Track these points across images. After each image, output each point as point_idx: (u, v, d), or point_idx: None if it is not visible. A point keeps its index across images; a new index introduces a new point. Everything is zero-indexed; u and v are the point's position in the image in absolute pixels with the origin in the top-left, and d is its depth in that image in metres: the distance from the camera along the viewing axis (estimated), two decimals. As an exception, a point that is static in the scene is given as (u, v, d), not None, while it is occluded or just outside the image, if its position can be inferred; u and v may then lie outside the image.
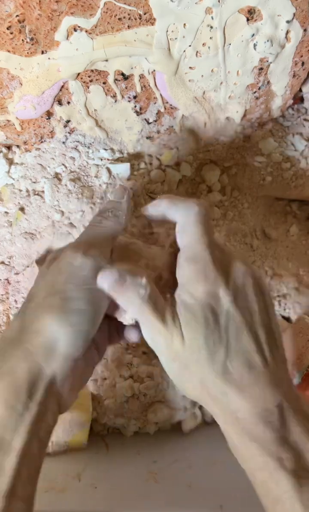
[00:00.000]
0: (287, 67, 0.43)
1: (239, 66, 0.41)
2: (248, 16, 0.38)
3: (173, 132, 0.47)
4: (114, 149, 0.47)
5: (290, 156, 0.48)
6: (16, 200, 0.46)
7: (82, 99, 0.42)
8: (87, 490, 0.42)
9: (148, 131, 0.46)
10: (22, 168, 0.46)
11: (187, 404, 0.47)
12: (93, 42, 0.38)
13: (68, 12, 0.36)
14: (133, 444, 0.48)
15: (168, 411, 0.47)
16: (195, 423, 0.49)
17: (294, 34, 0.40)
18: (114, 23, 0.37)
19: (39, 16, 0.36)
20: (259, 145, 0.49)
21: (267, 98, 0.45)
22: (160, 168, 0.49)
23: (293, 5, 0.38)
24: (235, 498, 0.40)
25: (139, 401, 0.47)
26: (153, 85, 0.42)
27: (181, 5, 0.36)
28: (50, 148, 0.46)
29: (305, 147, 0.48)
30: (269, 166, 0.48)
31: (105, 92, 0.42)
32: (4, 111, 0.42)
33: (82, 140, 0.46)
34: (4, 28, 0.36)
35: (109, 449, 0.47)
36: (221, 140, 0.48)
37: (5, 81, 0.40)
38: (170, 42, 0.39)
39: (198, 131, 0.47)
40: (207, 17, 0.37)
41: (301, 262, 0.52)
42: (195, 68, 0.41)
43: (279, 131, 0.49)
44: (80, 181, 0.46)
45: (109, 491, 0.42)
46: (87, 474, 0.43)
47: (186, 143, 0.48)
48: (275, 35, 0.39)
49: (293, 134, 0.49)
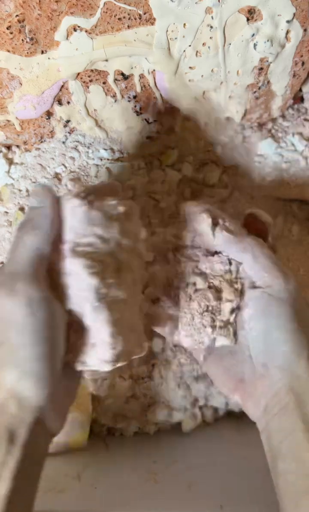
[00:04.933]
0: (287, 67, 0.43)
1: (239, 66, 0.41)
2: (248, 16, 0.38)
3: (173, 132, 0.47)
4: (114, 149, 0.47)
5: (290, 156, 0.48)
6: (16, 200, 0.46)
7: (82, 99, 0.42)
8: (87, 490, 0.42)
9: (148, 131, 0.46)
10: (22, 168, 0.46)
11: (187, 404, 0.47)
12: (93, 42, 0.38)
13: (68, 12, 0.36)
14: (133, 445, 0.48)
15: (167, 411, 0.47)
16: (195, 423, 0.49)
17: (294, 34, 0.40)
18: (114, 23, 0.37)
19: (39, 16, 0.36)
20: (259, 145, 0.48)
21: (267, 98, 0.45)
22: (160, 168, 0.49)
23: (293, 5, 0.38)
24: (235, 498, 0.40)
25: (139, 401, 0.47)
26: (153, 85, 0.42)
27: (181, 5, 0.36)
28: (50, 148, 0.46)
29: (305, 147, 0.48)
30: (269, 166, 0.48)
31: (105, 92, 0.42)
32: (4, 111, 0.42)
33: (82, 140, 0.46)
34: (4, 28, 0.36)
35: (109, 449, 0.47)
36: (221, 140, 0.48)
37: (5, 81, 0.40)
38: (170, 42, 0.39)
39: (198, 131, 0.47)
40: (207, 17, 0.37)
41: (301, 262, 0.52)
42: (195, 68, 0.41)
43: (279, 131, 0.49)
44: (80, 181, 0.46)
45: (109, 491, 0.42)
46: (87, 474, 0.43)
47: (186, 143, 0.48)
48: (275, 35, 0.39)
49: (293, 134, 0.49)
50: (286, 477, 0.29)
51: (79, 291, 0.29)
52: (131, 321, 0.32)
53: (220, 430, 0.49)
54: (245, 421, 0.49)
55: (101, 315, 0.29)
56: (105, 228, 0.30)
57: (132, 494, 0.41)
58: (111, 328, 0.29)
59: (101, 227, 0.30)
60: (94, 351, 0.30)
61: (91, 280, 0.29)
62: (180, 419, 0.48)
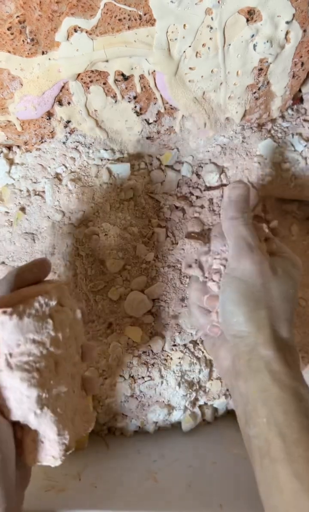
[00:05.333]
0: (286, 68, 0.43)
1: (238, 66, 0.41)
2: (248, 16, 0.38)
3: (173, 132, 0.47)
4: (115, 149, 0.47)
5: (290, 157, 0.49)
6: (17, 200, 0.46)
7: (82, 99, 0.42)
8: (88, 489, 0.42)
9: (148, 131, 0.46)
10: (23, 168, 0.46)
11: (187, 404, 0.47)
12: (93, 42, 0.38)
13: (69, 13, 0.36)
14: (133, 444, 0.48)
15: (167, 411, 0.47)
16: (195, 423, 0.49)
17: (294, 35, 0.40)
18: (114, 24, 0.37)
19: (40, 17, 0.36)
20: (259, 145, 0.49)
21: (266, 99, 0.45)
22: (159, 168, 0.49)
23: (292, 6, 0.38)
24: (235, 498, 0.40)
25: (139, 400, 0.47)
26: (154, 85, 0.42)
27: (181, 6, 0.36)
28: (50, 148, 0.46)
29: (305, 147, 0.48)
30: (269, 167, 0.48)
31: (105, 93, 0.42)
32: (5, 112, 0.42)
33: (83, 140, 0.46)
34: (5, 29, 0.36)
35: (109, 449, 0.47)
36: (220, 140, 0.48)
37: (6, 81, 0.40)
38: (170, 43, 0.39)
39: (198, 132, 0.47)
40: (207, 18, 0.37)
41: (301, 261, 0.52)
42: (195, 68, 0.41)
43: (279, 132, 0.49)
44: (81, 181, 0.46)
45: (109, 490, 0.42)
46: (88, 474, 0.43)
47: (185, 143, 0.48)
48: (274, 35, 0.39)
49: (293, 134, 0.49)
50: (252, 441, 0.33)
51: (21, 403, 0.29)
52: (73, 405, 0.33)
53: (220, 429, 0.50)
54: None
55: (45, 419, 0.30)
56: (39, 330, 0.30)
57: (132, 493, 0.41)
58: (57, 427, 0.30)
59: (33, 332, 0.30)
60: (44, 449, 0.30)
61: (31, 392, 0.29)
62: (180, 418, 0.48)
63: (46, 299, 0.31)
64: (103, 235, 0.45)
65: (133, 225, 0.47)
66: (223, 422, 0.50)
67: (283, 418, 0.31)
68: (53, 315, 0.31)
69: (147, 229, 0.48)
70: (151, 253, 0.47)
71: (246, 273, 0.36)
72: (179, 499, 0.41)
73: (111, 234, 0.45)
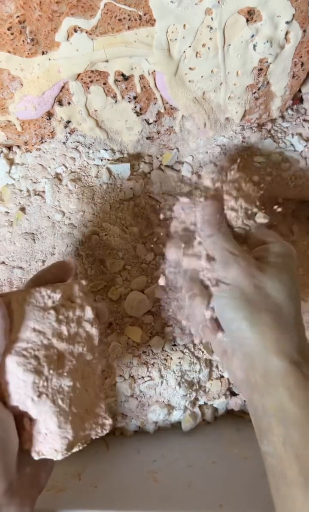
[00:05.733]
0: (286, 68, 0.43)
1: (238, 66, 0.41)
2: (248, 17, 0.38)
3: (172, 132, 0.47)
4: (115, 149, 0.47)
5: (289, 157, 0.49)
6: (17, 200, 0.46)
7: (82, 99, 0.42)
8: (87, 489, 0.42)
9: (148, 131, 0.46)
10: (23, 168, 0.47)
11: (187, 404, 0.47)
12: (93, 42, 0.38)
13: (69, 13, 0.36)
14: (133, 444, 0.48)
15: (167, 411, 0.47)
16: (195, 422, 0.49)
17: (294, 35, 0.40)
18: (114, 24, 0.37)
19: (40, 17, 0.36)
20: (259, 145, 0.49)
21: (266, 99, 0.45)
22: (159, 168, 0.49)
23: (292, 6, 0.38)
24: (235, 498, 0.40)
25: (139, 400, 0.47)
26: (154, 85, 0.42)
27: (181, 6, 0.36)
28: (50, 148, 0.46)
29: (305, 147, 0.48)
30: (269, 167, 0.48)
31: (105, 93, 0.42)
32: (5, 112, 0.42)
33: (83, 140, 0.46)
34: (5, 29, 0.36)
35: (109, 449, 0.47)
36: (220, 140, 0.48)
37: (6, 81, 0.40)
38: (169, 43, 0.39)
39: (198, 132, 0.47)
40: (207, 18, 0.37)
41: (301, 261, 0.52)
42: (195, 68, 0.41)
43: (279, 132, 0.49)
44: (81, 181, 0.46)
45: (109, 490, 0.42)
46: (88, 474, 0.43)
47: (185, 143, 0.48)
48: (274, 36, 0.40)
49: (293, 134, 0.49)
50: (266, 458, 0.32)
51: (18, 388, 0.30)
52: (85, 404, 0.33)
53: (220, 429, 0.50)
54: (244, 420, 0.50)
55: (44, 407, 0.30)
56: (39, 320, 0.31)
57: (132, 493, 0.41)
58: (57, 418, 0.30)
59: (34, 320, 0.31)
60: (46, 441, 0.31)
61: (27, 377, 0.30)
62: (180, 418, 0.48)
63: (48, 291, 0.32)
64: (103, 235, 0.45)
65: (133, 225, 0.47)
66: (223, 422, 0.50)
67: (299, 439, 0.30)
68: (58, 309, 0.32)
69: (148, 229, 0.48)
70: (151, 253, 0.47)
71: (236, 279, 0.35)
72: (179, 499, 0.41)
73: (111, 234, 0.45)
